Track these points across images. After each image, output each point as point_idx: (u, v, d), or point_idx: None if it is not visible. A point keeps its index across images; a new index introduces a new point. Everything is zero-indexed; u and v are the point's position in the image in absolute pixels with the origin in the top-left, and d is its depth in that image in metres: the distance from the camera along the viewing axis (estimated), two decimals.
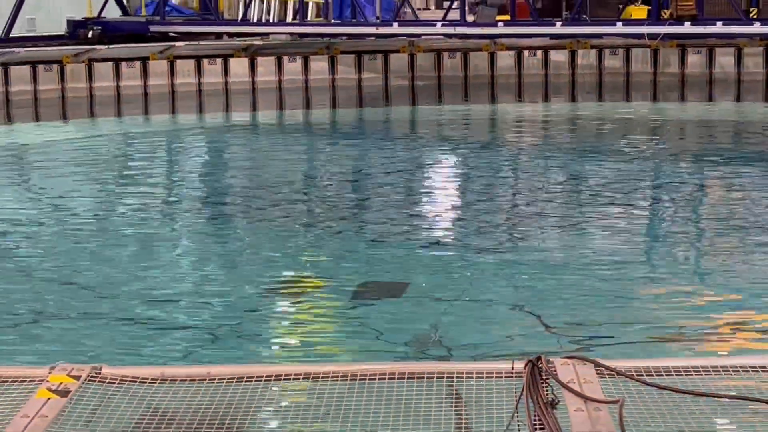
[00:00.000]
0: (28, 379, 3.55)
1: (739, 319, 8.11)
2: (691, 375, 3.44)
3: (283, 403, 3.92)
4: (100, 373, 3.62)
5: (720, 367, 3.54)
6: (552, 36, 20.03)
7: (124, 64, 19.62)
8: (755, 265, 9.93)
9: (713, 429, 3.32)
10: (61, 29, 22.90)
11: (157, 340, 7.99)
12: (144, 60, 19.96)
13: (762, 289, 9.03)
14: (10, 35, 21.26)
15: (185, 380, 3.69)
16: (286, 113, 19.79)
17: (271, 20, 22.83)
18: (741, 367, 3.60)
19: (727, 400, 3.34)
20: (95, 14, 22.96)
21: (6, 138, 17.45)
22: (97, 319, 8.52)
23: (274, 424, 4.00)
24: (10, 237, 11.77)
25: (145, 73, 19.74)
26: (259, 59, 20.38)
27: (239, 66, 20.02)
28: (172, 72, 19.83)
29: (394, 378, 3.60)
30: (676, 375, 3.47)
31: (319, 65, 20.21)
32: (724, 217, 12.40)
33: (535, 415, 3.10)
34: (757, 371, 3.53)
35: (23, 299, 9.02)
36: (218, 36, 22.07)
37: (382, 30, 20.82)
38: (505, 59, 20.11)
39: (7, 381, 3.55)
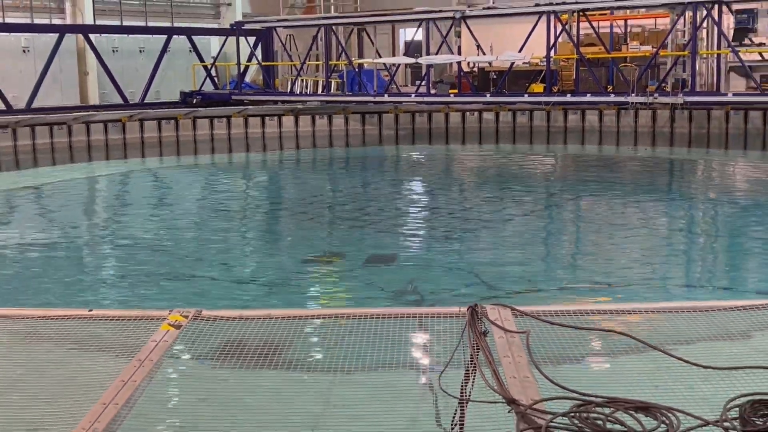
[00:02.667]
0: (156, 317, 4.09)
1: (607, 282, 9.01)
2: (572, 315, 3.97)
3: (315, 333, 4.51)
4: (200, 315, 4.12)
5: (590, 310, 4.14)
6: (484, 103, 21.78)
7: (215, 119, 21.27)
8: (621, 250, 10.79)
9: (586, 350, 3.93)
10: (176, 97, 23.99)
11: (235, 293, 8.77)
12: (228, 117, 21.55)
13: (623, 265, 9.89)
14: (145, 100, 22.74)
15: (254, 319, 4.22)
16: (317, 151, 21.46)
17: (308, 92, 24.40)
18: (605, 311, 4.30)
19: (594, 331, 3.95)
20: (197, 88, 24.45)
21: (141, 166, 19.01)
22: (199, 280, 9.34)
23: (309, 347, 4.54)
24: (148, 229, 12.77)
25: (228, 125, 21.37)
26: (300, 117, 22.18)
27: (288, 121, 21.85)
28: (246, 125, 21.50)
29: (385, 317, 4.16)
30: (563, 315, 3.98)
31: (338, 121, 22.19)
32: (601, 218, 13.25)
33: (473, 341, 3.66)
34: (618, 313, 4.26)
35: (157, 271, 9.86)
36: (275, 102, 23.47)
37: (378, 99, 22.39)
38: (455, 117, 21.91)
39: (143, 318, 4.16)
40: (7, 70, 21.13)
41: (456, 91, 22.99)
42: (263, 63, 25.55)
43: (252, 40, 25.33)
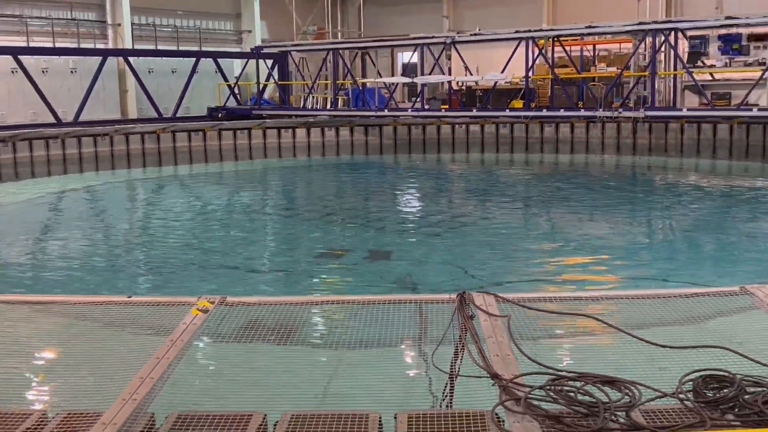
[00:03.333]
0: (186, 303, 4.08)
1: (579, 272, 8.95)
2: (548, 302, 4.00)
3: (324, 316, 4.59)
4: (225, 300, 4.12)
5: (564, 297, 4.22)
6: (471, 117, 21.62)
7: (238, 131, 21.14)
8: (591, 243, 10.67)
9: (560, 331, 3.99)
10: (204, 112, 24.00)
11: (257, 281, 8.84)
12: (249, 129, 21.38)
13: (592, 256, 9.80)
14: (176, 115, 22.65)
15: (271, 304, 4.25)
16: (326, 158, 21.42)
17: (318, 108, 24.49)
18: (577, 297, 4.33)
19: (567, 315, 3.92)
20: (222, 104, 24.43)
21: (173, 172, 19.05)
22: (223, 270, 9.38)
23: (319, 328, 4.57)
24: (181, 226, 12.85)
25: (249, 136, 21.21)
26: (312, 129, 22.02)
27: (301, 133, 21.72)
28: (264, 136, 21.35)
29: (385, 303, 4.18)
30: (540, 302, 4.00)
31: (344, 133, 22.05)
32: (572, 215, 13.21)
33: (461, 324, 3.67)
34: (589, 300, 4.19)
35: (189, 262, 9.92)
36: (289, 116, 23.28)
37: (379, 113, 22.36)
38: (445, 129, 21.81)
39: (175, 303, 4.15)
40: (58, 88, 21.13)
41: (447, 106, 23.06)
42: (279, 82, 25.56)
43: (270, 62, 25.37)
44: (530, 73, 20.79)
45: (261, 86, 25.07)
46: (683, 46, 20.35)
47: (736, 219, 12.31)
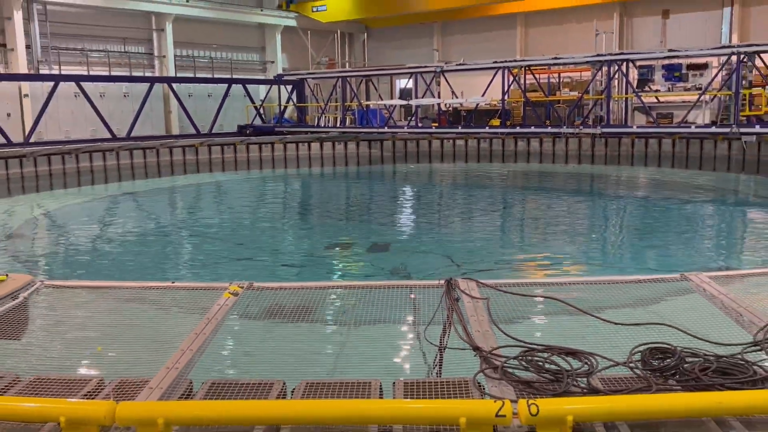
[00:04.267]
0: (220, 287, 4.10)
1: (546, 261, 8.93)
2: (521, 286, 4.01)
3: (334, 299, 4.44)
4: (252, 286, 4.13)
5: (535, 283, 4.41)
6: (456, 133, 21.51)
7: (263, 145, 21.14)
8: (557, 236, 10.80)
9: (531, 311, 3.92)
10: (235, 129, 23.91)
11: (278, 269, 8.76)
12: (272, 143, 21.33)
13: (558, 248, 9.82)
14: (212, 131, 22.66)
15: (291, 289, 4.29)
16: (336, 168, 21.27)
17: (329, 125, 24.32)
18: (546, 283, 4.49)
19: (537, 297, 3.94)
20: (250, 122, 24.36)
21: (209, 179, 18.92)
22: (250, 261, 9.34)
23: (330, 308, 4.45)
24: (216, 223, 12.88)
25: (272, 149, 21.14)
26: (324, 143, 21.92)
27: (315, 146, 21.67)
28: (285, 149, 21.31)
29: (384, 287, 4.19)
30: (514, 286, 4.00)
31: (351, 146, 21.96)
32: (541, 214, 13.23)
33: (449, 305, 3.66)
34: (555, 285, 4.25)
35: (222, 253, 9.89)
36: (306, 132, 23.12)
37: (380, 130, 22.42)
38: (435, 143, 21.69)
39: (210, 288, 4.19)
40: (113, 109, 21.20)
41: (436, 124, 23.13)
42: (297, 104, 25.54)
43: (289, 87, 25.36)
44: (506, 97, 20.81)
45: (282, 108, 25.08)
46: (633, 74, 20.38)
47: (676, 218, 12.27)
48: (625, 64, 19.33)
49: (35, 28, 20.72)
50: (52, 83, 19.29)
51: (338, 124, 24.08)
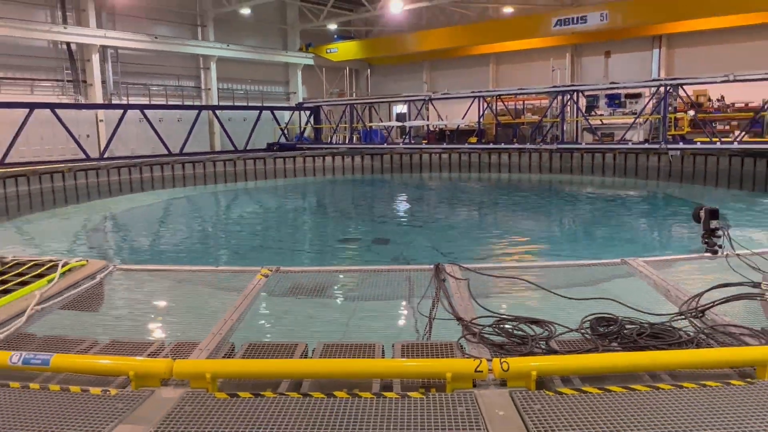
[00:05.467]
0: (253, 271, 4.14)
1: (515, 250, 8.95)
2: (495, 269, 4.09)
3: (345, 280, 4.54)
4: (279, 269, 4.15)
5: (506, 267, 4.51)
6: (442, 149, 21.20)
7: (287, 158, 21.03)
8: (524, 230, 10.69)
9: (503, 289, 3.91)
10: (264, 145, 23.45)
11: (300, 257, 8.79)
12: (294, 157, 21.19)
13: (525, 239, 9.77)
14: (246, 148, 22.37)
15: (310, 272, 4.40)
16: (345, 176, 21.12)
17: (340, 143, 24.11)
18: (515, 267, 4.73)
19: (508, 278, 3.96)
20: (276, 140, 23.98)
21: (245, 186, 18.89)
22: (278, 250, 9.33)
23: (342, 287, 4.48)
24: (249, 220, 12.69)
25: (294, 162, 20.99)
26: (335, 157, 21.77)
27: (328, 160, 21.47)
28: (304, 161, 21.16)
29: (386, 272, 4.27)
30: (490, 269, 4.10)
31: (357, 159, 21.73)
32: (511, 213, 13.01)
33: (437, 285, 3.71)
34: (523, 268, 4.48)
35: (257, 245, 9.87)
36: (320, 149, 22.76)
37: (380, 146, 22.17)
38: (425, 157, 21.41)
39: (246, 271, 4.22)
40: (169, 131, 20.98)
41: (426, 141, 22.98)
42: (314, 126, 25.32)
43: (308, 113, 25.18)
44: (481, 119, 20.71)
45: (302, 129, 24.89)
46: (582, 102, 20.36)
47: (616, 215, 12.25)
48: (575, 93, 19.28)
49: (109, 68, 20.77)
50: (121, 111, 19.36)
51: (347, 142, 24.03)
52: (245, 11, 23.56)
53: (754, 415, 2.18)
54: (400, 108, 27.45)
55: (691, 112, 17.96)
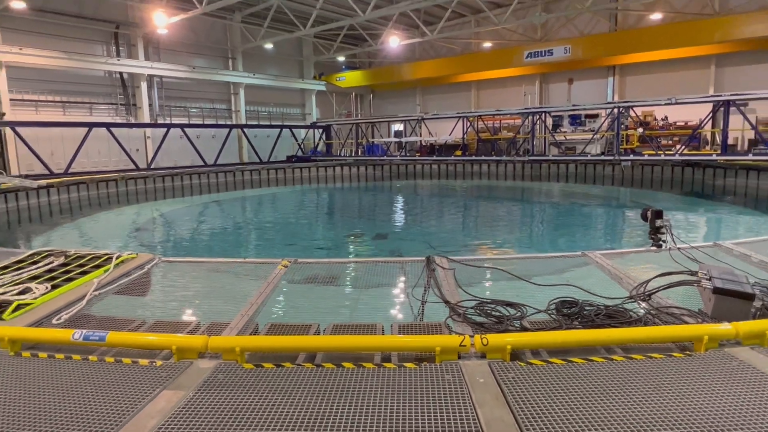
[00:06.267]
0: (275, 262, 4.08)
1: (493, 244, 8.76)
2: (477, 261, 4.04)
3: (352, 270, 4.42)
4: (296, 261, 4.07)
5: (486, 258, 4.10)
6: (432, 160, 20.92)
7: (303, 168, 20.87)
8: (500, 227, 10.42)
9: (483, 278, 3.79)
10: (284, 157, 23.51)
11: (314, 250, 8.52)
12: (309, 167, 21.00)
13: (501, 236, 9.59)
14: (269, 159, 22.39)
15: (322, 263, 4.31)
16: (351, 183, 20.54)
17: (347, 155, 24.00)
18: (494, 258, 4.30)
19: (486, 268, 3.88)
20: (294, 153, 23.77)
21: (268, 191, 18.02)
22: (295, 245, 9.13)
23: (349, 276, 4.31)
24: (273, 220, 12.19)
25: (309, 171, 20.84)
26: (344, 167, 21.48)
27: (338, 169, 21.22)
28: (317, 171, 21.00)
29: (384, 262, 4.22)
30: (473, 261, 4.04)
31: (362, 169, 21.50)
32: (490, 213, 12.61)
33: (428, 273, 3.63)
34: (500, 260, 4.28)
35: (279, 240, 9.69)
36: (331, 160, 22.53)
37: (381, 158, 22.15)
38: (418, 166, 21.25)
39: (269, 263, 4.11)
40: (205, 146, 20.98)
41: (419, 154, 22.90)
42: (326, 141, 25.25)
43: (320, 130, 25.14)
44: (465, 136, 20.68)
45: (315, 144, 24.80)
46: (549, 121, 20.35)
47: (577, 215, 12.15)
48: (543, 114, 19.23)
49: (154, 93, 20.74)
50: (165, 129, 19.30)
51: (353, 154, 23.96)
52: (268, 46, 23.60)
53: (691, 382, 2.19)
54: (398, 126, 27.42)
55: (640, 130, 18.02)
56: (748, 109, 16.32)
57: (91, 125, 16.90)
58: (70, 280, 3.57)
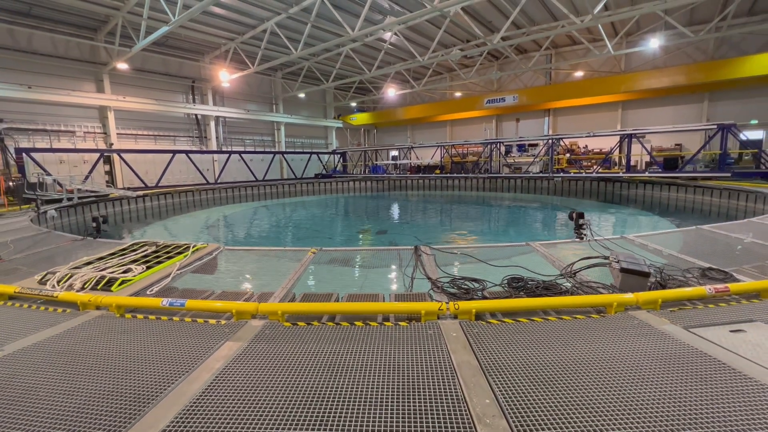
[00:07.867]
0: (305, 250, 4.00)
1: (463, 237, 8.39)
2: (453, 248, 3.95)
3: (361, 256, 4.30)
4: (321, 249, 4.00)
5: (460, 246, 3.99)
6: (419, 177, 20.20)
7: (327, 182, 19.92)
8: (472, 225, 9.93)
9: (457, 261, 3.57)
10: (313, 174, 22.82)
11: (334, 241, 8.30)
12: (331, 181, 20.11)
13: (471, 231, 9.15)
14: (302, 176, 21.48)
15: (341, 251, 4.18)
16: (360, 194, 19.98)
17: (358, 173, 23.49)
18: (465, 247, 4.14)
19: (459, 255, 3.76)
20: (320, 172, 23.26)
21: (301, 199, 17.02)
22: (321, 237, 8.82)
23: (359, 260, 4.15)
24: (303, 220, 11.56)
25: (331, 185, 20.05)
26: (356, 182, 20.48)
27: (351, 184, 20.35)
28: (336, 185, 20.16)
29: (384, 250, 4.11)
30: (450, 249, 3.93)
31: (369, 183, 20.73)
32: (464, 215, 11.88)
33: (416, 258, 3.60)
34: (469, 248, 4.12)
35: (309, 234, 9.33)
36: (347, 176, 22.01)
37: (382, 176, 21.68)
38: (408, 182, 20.53)
39: (300, 250, 4.00)
40: (256, 167, 20.81)
41: (410, 172, 22.62)
42: (343, 163, 24.81)
43: (339, 155, 24.80)
44: (442, 159, 20.50)
45: (336, 165, 24.44)
46: (502, 149, 20.19)
47: (523, 215, 12.04)
48: (498, 144, 19.05)
49: (220, 129, 20.62)
50: (227, 155, 19.22)
51: (362, 173, 23.65)
52: (301, 95, 23.48)
53: (605, 335, 2.24)
54: (394, 152, 27.17)
55: (568, 155, 17.87)
56: (645, 140, 16.44)
57: (174, 152, 16.89)
58: (159, 262, 3.58)
